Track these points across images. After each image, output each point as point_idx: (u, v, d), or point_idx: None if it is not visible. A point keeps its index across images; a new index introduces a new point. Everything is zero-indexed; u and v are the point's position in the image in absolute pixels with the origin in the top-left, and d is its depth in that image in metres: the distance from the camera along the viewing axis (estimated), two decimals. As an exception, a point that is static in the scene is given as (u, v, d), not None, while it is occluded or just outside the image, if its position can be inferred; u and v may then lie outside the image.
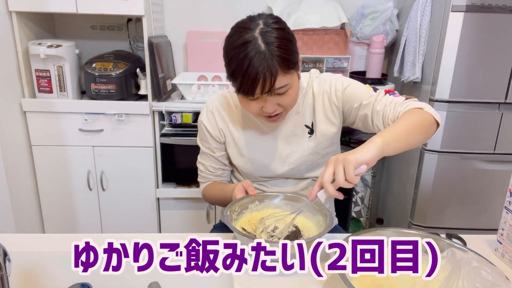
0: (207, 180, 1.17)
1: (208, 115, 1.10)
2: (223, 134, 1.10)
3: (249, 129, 1.08)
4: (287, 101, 0.93)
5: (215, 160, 1.14)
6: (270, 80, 0.85)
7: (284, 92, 0.91)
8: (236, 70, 0.86)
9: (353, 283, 0.65)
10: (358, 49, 2.20)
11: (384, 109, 0.95)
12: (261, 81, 0.85)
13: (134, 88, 1.98)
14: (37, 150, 1.96)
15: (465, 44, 1.64)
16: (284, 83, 0.89)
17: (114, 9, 1.79)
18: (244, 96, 0.90)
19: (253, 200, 1.00)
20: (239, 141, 1.09)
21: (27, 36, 1.89)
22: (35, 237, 0.93)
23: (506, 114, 1.73)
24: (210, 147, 1.12)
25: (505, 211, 0.87)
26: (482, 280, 0.61)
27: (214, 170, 1.15)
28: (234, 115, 1.09)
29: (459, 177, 1.82)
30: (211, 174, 1.16)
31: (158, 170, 2.02)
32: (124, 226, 2.09)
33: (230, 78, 0.91)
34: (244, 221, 0.97)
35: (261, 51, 0.84)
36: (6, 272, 0.62)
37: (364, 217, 2.38)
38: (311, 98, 1.06)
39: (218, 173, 1.16)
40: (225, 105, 1.10)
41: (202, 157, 1.16)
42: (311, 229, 0.94)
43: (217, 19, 2.21)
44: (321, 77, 1.08)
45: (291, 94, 0.93)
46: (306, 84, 1.07)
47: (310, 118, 1.07)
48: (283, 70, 0.87)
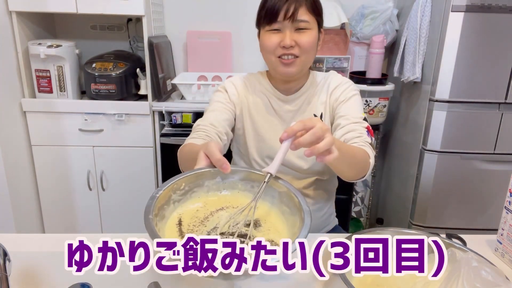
0: (198, 136, 0.97)
1: (231, 86, 1.12)
2: (240, 107, 1.10)
3: (264, 113, 1.10)
4: (304, 40, 0.98)
5: (223, 115, 1.05)
6: (294, 7, 0.95)
7: (303, 29, 0.97)
8: (266, 1, 0.97)
9: (353, 283, 0.65)
10: (358, 49, 2.20)
11: (348, 133, 0.97)
12: (285, 7, 0.94)
13: (134, 88, 1.98)
14: (37, 150, 1.96)
15: (465, 44, 1.64)
16: (305, 18, 0.97)
17: (114, 9, 1.79)
18: (268, 24, 0.97)
19: (214, 175, 0.75)
20: (256, 119, 1.10)
21: (27, 36, 1.89)
22: (35, 237, 0.93)
23: (506, 114, 1.73)
24: (225, 104, 1.08)
25: (505, 211, 0.87)
26: (482, 280, 0.61)
27: (216, 124, 1.01)
28: (253, 96, 1.11)
29: (459, 177, 1.82)
30: (210, 128, 1.00)
31: (158, 170, 2.02)
32: (124, 226, 2.09)
33: (259, 14, 1.00)
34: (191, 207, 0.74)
35: None
36: (6, 272, 0.62)
37: (364, 217, 2.38)
38: (325, 94, 1.09)
39: (218, 129, 1.01)
40: (247, 86, 1.12)
41: (206, 115, 1.06)
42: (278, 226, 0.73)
43: (217, 19, 2.21)
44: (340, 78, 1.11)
45: (310, 35, 0.98)
46: (322, 78, 1.11)
47: (320, 110, 1.09)
48: (308, 8, 0.97)
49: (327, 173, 1.13)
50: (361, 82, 2.00)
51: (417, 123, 1.87)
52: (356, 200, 2.35)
